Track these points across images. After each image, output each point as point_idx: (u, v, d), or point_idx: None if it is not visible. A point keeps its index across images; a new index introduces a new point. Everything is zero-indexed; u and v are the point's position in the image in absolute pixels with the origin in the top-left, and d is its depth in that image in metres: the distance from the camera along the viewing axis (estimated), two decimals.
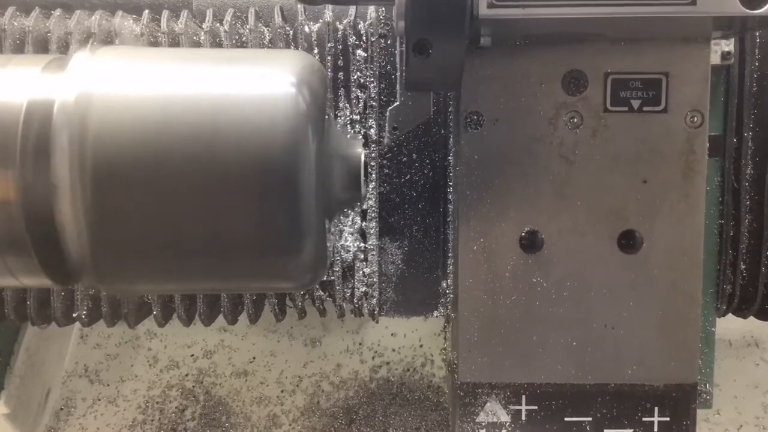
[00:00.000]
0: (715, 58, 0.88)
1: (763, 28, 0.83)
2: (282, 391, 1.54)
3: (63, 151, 0.60)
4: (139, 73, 0.64)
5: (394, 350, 1.57)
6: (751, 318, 1.02)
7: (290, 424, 1.51)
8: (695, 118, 0.80)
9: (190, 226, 0.63)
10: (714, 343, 0.94)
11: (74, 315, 1.00)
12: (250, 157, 0.61)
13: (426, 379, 1.54)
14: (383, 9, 0.93)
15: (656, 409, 0.83)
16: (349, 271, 0.97)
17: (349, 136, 0.73)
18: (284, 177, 0.61)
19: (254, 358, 1.56)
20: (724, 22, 0.72)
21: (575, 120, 0.80)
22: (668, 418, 0.82)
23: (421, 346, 1.57)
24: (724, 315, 0.99)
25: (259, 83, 0.64)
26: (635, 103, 0.80)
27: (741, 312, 0.99)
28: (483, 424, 0.84)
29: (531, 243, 0.82)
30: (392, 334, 1.58)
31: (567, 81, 0.80)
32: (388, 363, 1.56)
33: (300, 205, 0.62)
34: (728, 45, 0.88)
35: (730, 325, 1.11)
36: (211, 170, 0.61)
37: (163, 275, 0.67)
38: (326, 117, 0.68)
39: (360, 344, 1.58)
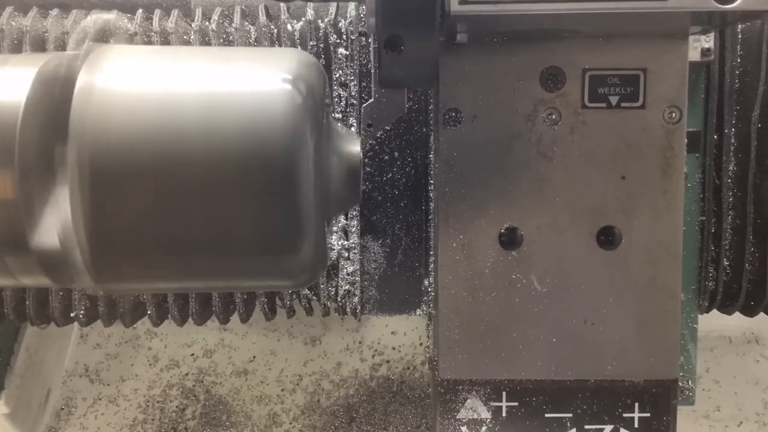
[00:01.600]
0: (695, 55, 0.88)
1: (741, 21, 0.83)
2: (282, 390, 1.54)
3: (61, 151, 0.61)
4: (136, 72, 0.65)
5: (394, 348, 1.58)
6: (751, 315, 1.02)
7: (291, 423, 1.52)
8: (673, 114, 0.80)
9: (189, 225, 0.63)
10: (696, 340, 0.94)
11: (72, 315, 1.01)
12: (249, 155, 0.61)
13: (426, 377, 1.55)
14: (363, 7, 0.93)
15: (636, 404, 0.82)
16: (333, 269, 0.98)
17: (347, 133, 0.73)
18: (283, 174, 0.62)
19: (254, 357, 1.57)
20: (702, 16, 0.72)
21: (553, 116, 0.81)
22: (649, 414, 0.82)
23: (421, 344, 1.57)
24: (707, 312, 0.99)
25: (257, 81, 0.64)
26: (613, 99, 0.80)
27: (725, 308, 0.99)
28: (464, 420, 0.84)
29: (510, 240, 0.82)
30: (392, 333, 1.58)
31: (545, 77, 0.80)
32: (388, 361, 1.57)
33: (299, 203, 0.62)
34: (708, 41, 0.88)
35: (729, 322, 1.11)
36: (210, 168, 0.61)
37: (161, 274, 0.68)
38: (325, 114, 0.68)
39: (360, 343, 1.58)
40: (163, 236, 0.63)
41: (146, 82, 0.64)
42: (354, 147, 0.72)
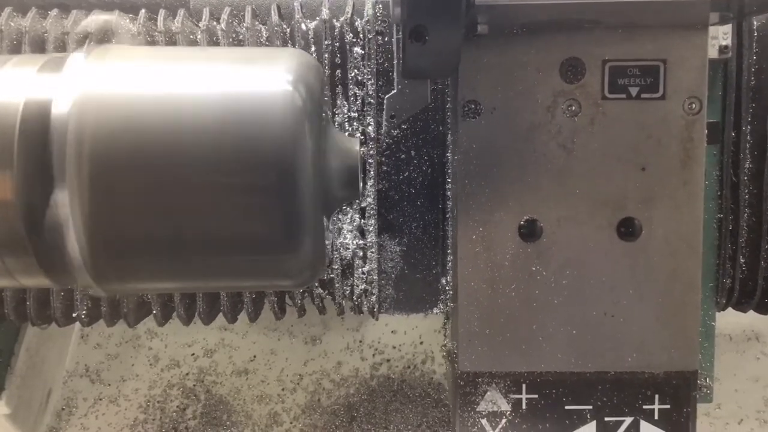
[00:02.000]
0: (713, 53, 0.88)
1: (759, 11, 0.83)
2: (283, 389, 1.54)
3: (60, 151, 0.60)
4: (135, 72, 0.64)
5: (394, 347, 1.57)
6: (751, 312, 1.02)
7: (291, 422, 1.51)
8: (693, 105, 0.80)
9: (189, 225, 0.63)
10: (714, 337, 0.94)
11: (74, 315, 1.00)
12: (247, 155, 0.61)
13: (427, 376, 1.54)
14: (380, 6, 0.93)
15: (656, 396, 0.82)
16: (348, 268, 0.97)
17: (347, 133, 0.73)
18: (281, 174, 0.61)
19: (255, 356, 1.56)
20: (722, 2, 0.72)
21: (573, 108, 0.80)
22: (668, 406, 0.82)
23: (421, 343, 1.57)
24: (724, 309, 0.98)
25: (256, 81, 0.64)
26: (633, 91, 0.80)
27: (741, 306, 0.99)
28: (483, 413, 0.84)
29: (530, 231, 0.82)
30: (392, 332, 1.58)
31: (565, 69, 0.80)
32: (388, 360, 1.56)
33: (298, 202, 0.62)
34: (726, 39, 0.88)
35: (730, 319, 1.11)
36: (209, 168, 0.61)
37: (161, 274, 0.67)
38: (324, 115, 0.67)
39: (360, 342, 1.58)
40: (163, 236, 0.63)
41: (145, 83, 0.64)
42: (352, 146, 0.71)
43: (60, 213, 0.61)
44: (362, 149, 0.72)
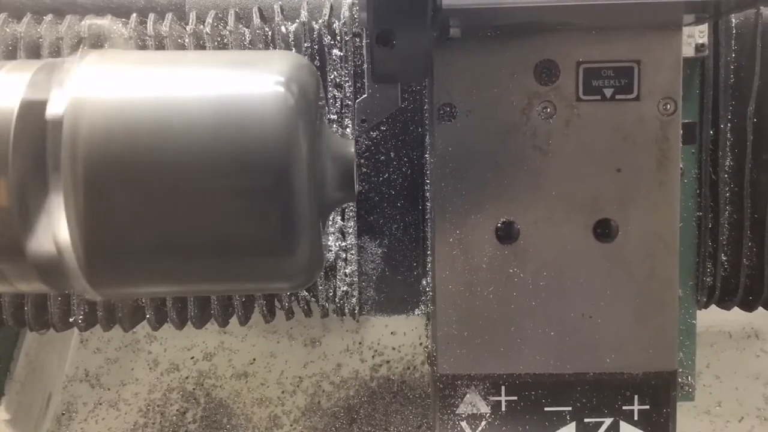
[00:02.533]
0: (689, 51, 0.88)
1: (735, 10, 0.83)
2: (283, 392, 1.54)
3: (55, 156, 0.60)
4: (129, 77, 0.65)
5: (394, 348, 1.58)
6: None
7: (291, 425, 1.52)
8: (668, 106, 0.80)
9: (185, 229, 0.63)
10: (695, 336, 0.94)
11: (71, 320, 1.01)
12: (242, 158, 0.61)
13: (426, 377, 1.55)
14: (356, 8, 0.94)
15: (636, 397, 0.82)
16: (330, 270, 0.98)
17: (341, 135, 0.73)
18: (277, 177, 0.62)
19: (254, 359, 1.57)
20: (696, 5, 0.72)
21: (548, 110, 0.81)
22: (648, 407, 0.82)
23: (421, 343, 1.58)
24: (705, 307, 0.98)
25: (250, 84, 0.64)
26: (608, 92, 0.80)
27: (723, 304, 0.98)
28: (463, 415, 0.84)
29: (507, 234, 0.82)
30: (392, 333, 1.58)
31: (539, 71, 0.80)
32: (388, 362, 1.57)
33: (293, 205, 0.63)
34: (702, 37, 0.88)
35: (729, 317, 1.11)
36: (204, 173, 0.61)
37: (157, 278, 0.68)
38: (318, 116, 0.68)
39: (360, 343, 1.58)
40: (158, 241, 0.63)
41: (139, 86, 0.64)
42: (347, 148, 0.72)
43: (55, 217, 0.61)
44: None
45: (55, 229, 0.62)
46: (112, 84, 0.64)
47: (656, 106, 0.80)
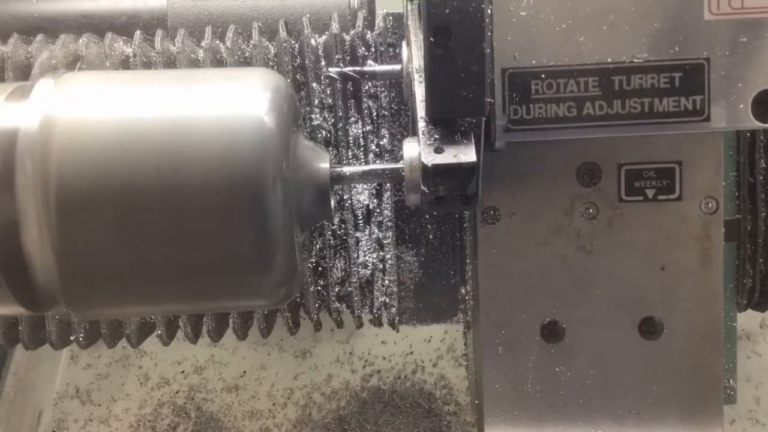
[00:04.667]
0: None
1: None
2: (274, 404, 1.54)
3: (26, 178, 0.61)
4: (103, 99, 0.65)
5: (384, 358, 1.58)
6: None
7: None
8: (710, 204, 0.81)
9: (159, 250, 0.63)
10: (736, 339, 0.93)
11: (71, 338, 0.99)
12: (216, 180, 0.61)
13: (417, 386, 1.55)
14: (390, 18, 0.94)
15: None
16: (367, 285, 0.98)
17: (317, 150, 0.72)
18: (251, 198, 0.62)
19: (245, 372, 1.57)
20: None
21: (591, 211, 0.81)
22: None
23: (411, 353, 1.58)
24: (744, 310, 0.98)
25: (223, 103, 0.65)
26: (650, 192, 0.81)
27: (760, 306, 0.99)
28: None
29: (552, 333, 0.83)
30: (382, 342, 1.58)
31: (581, 173, 0.81)
32: (378, 371, 1.57)
33: (268, 225, 0.63)
34: None
35: None
36: (177, 194, 0.61)
37: (134, 299, 0.68)
38: (293, 131, 0.68)
39: (350, 354, 1.58)
40: (133, 262, 0.63)
41: (113, 108, 0.64)
42: (322, 164, 0.71)
43: (29, 242, 0.61)
44: (334, 164, 0.71)
45: (30, 254, 0.62)
46: (85, 106, 0.63)
47: (698, 206, 0.81)
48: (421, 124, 0.64)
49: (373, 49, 0.94)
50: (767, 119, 0.66)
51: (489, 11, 0.63)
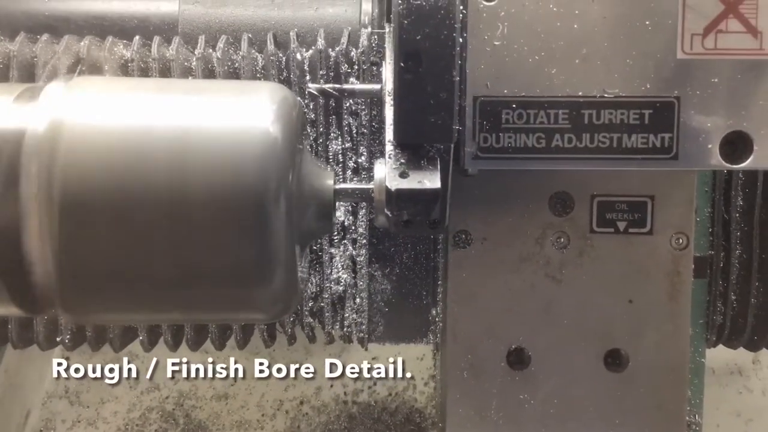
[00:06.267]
0: None
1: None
2: (263, 415, 1.54)
3: (31, 181, 0.60)
4: (112, 105, 0.65)
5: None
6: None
7: None
8: (680, 240, 0.81)
9: (159, 259, 0.63)
10: (703, 374, 0.94)
11: (58, 339, 0.99)
12: (221, 192, 0.61)
13: (408, 404, 1.55)
14: (375, 36, 0.94)
15: None
16: (339, 301, 0.97)
17: (321, 166, 0.73)
18: (254, 209, 0.62)
19: (235, 381, 1.56)
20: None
21: (562, 240, 0.82)
22: None
23: (403, 369, 1.57)
24: (714, 346, 0.98)
25: (232, 115, 0.65)
26: (621, 225, 0.81)
27: (730, 342, 0.99)
28: None
29: (518, 360, 0.83)
30: (374, 358, 1.58)
31: (554, 202, 0.81)
32: (369, 387, 1.56)
33: (270, 239, 0.62)
34: None
35: (713, 354, 1.11)
36: (181, 203, 0.61)
37: (131, 306, 0.68)
38: (299, 147, 0.68)
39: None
40: (132, 269, 0.63)
41: (120, 115, 0.64)
42: (326, 180, 0.71)
43: (30, 244, 0.61)
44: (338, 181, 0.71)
45: (30, 256, 0.62)
46: (93, 111, 0.63)
47: (669, 241, 0.81)
48: (389, 148, 0.64)
49: (356, 67, 0.94)
50: (735, 160, 0.66)
51: (461, 39, 0.63)
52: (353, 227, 0.94)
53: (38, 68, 0.93)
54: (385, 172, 0.64)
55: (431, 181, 0.62)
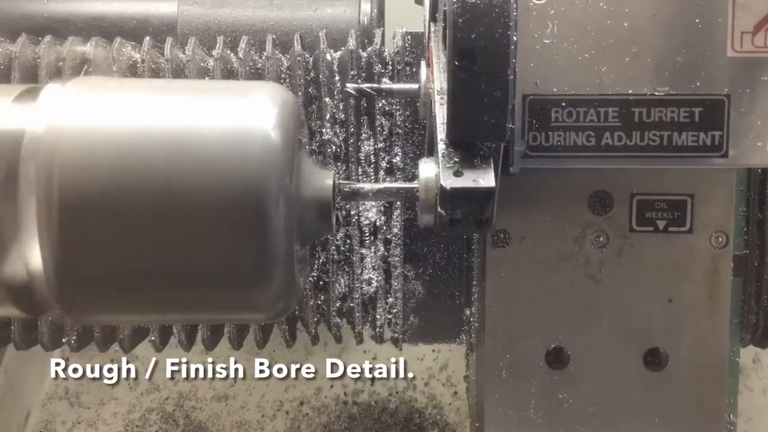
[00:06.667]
0: None
1: None
2: (263, 416, 1.53)
3: (30, 181, 0.60)
4: (111, 105, 0.65)
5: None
6: None
7: None
8: (720, 239, 0.81)
9: (158, 259, 0.63)
10: (737, 374, 0.94)
11: (63, 340, 0.99)
12: (219, 193, 0.61)
13: (408, 404, 1.55)
14: (409, 37, 0.94)
15: None
16: (370, 302, 0.97)
17: (320, 166, 0.72)
18: (254, 210, 0.62)
19: (235, 381, 1.55)
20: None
21: (601, 239, 0.81)
22: None
23: (404, 369, 1.57)
24: (747, 345, 0.98)
25: (230, 116, 0.64)
26: (660, 224, 0.81)
27: (761, 342, 0.99)
28: None
29: (557, 359, 0.83)
30: (374, 358, 1.58)
31: (593, 201, 0.81)
32: (370, 387, 1.56)
33: (269, 240, 0.62)
34: None
35: None
36: (180, 204, 0.61)
37: (130, 307, 0.68)
38: (298, 148, 0.68)
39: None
40: (131, 270, 0.63)
41: (120, 115, 0.64)
42: (326, 181, 0.71)
43: (28, 245, 0.61)
44: (337, 180, 0.71)
45: (28, 257, 0.62)
46: (92, 112, 0.63)
47: (708, 240, 0.81)
48: (441, 147, 0.64)
49: (390, 67, 0.94)
50: None
51: (513, 38, 0.63)
52: (386, 227, 0.93)
53: (41, 69, 0.92)
54: (437, 171, 0.64)
55: (485, 179, 0.61)
